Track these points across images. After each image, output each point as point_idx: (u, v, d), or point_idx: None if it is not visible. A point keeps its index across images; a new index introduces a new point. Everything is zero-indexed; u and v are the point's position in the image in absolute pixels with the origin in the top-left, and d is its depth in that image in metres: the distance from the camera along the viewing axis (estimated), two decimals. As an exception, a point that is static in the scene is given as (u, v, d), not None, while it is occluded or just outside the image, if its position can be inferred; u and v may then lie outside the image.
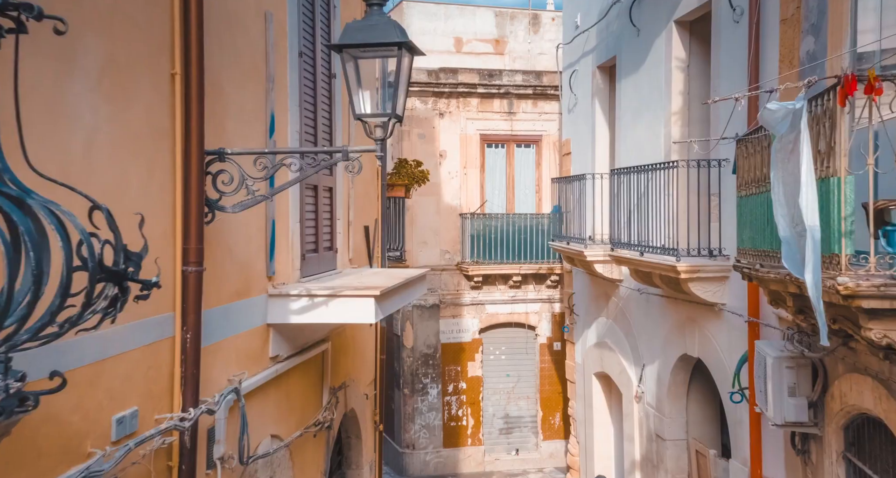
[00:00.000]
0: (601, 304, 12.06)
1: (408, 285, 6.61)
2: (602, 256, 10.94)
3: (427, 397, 15.95)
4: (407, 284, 6.54)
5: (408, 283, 6.54)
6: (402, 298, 6.47)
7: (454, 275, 16.08)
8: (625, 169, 9.47)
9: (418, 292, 7.27)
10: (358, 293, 5.33)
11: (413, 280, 6.80)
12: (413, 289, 6.97)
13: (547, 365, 16.57)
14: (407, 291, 6.62)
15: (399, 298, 6.26)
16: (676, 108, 9.40)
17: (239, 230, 4.86)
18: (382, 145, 4.28)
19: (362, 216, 8.26)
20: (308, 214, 6.30)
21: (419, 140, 15.92)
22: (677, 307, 9.27)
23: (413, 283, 6.86)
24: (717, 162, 8.10)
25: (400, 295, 6.28)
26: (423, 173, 10.57)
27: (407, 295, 6.70)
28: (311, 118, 6.37)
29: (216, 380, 4.48)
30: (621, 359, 11.19)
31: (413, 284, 6.87)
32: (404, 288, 6.44)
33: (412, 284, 6.83)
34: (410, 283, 6.70)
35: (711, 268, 8.03)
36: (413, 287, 6.93)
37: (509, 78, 16.17)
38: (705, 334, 8.62)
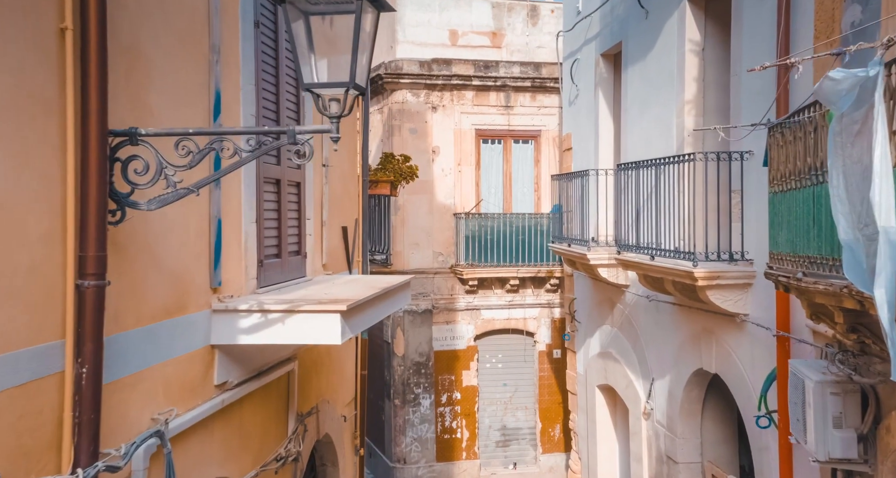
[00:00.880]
0: (605, 310, 11.16)
1: (387, 295, 5.70)
2: (607, 259, 10.04)
3: (419, 408, 15.04)
4: (386, 295, 5.62)
5: (387, 292, 5.63)
6: (381, 310, 5.56)
7: (448, 278, 15.17)
8: (633, 164, 8.57)
9: (401, 302, 6.36)
10: (320, 308, 4.42)
11: (394, 289, 5.89)
12: (395, 299, 6.06)
13: (546, 374, 15.66)
14: (386, 302, 5.71)
15: (376, 311, 5.35)
16: (690, 96, 8.49)
17: (170, 233, 3.94)
18: (338, 124, 3.37)
19: (340, 216, 7.35)
20: (269, 213, 5.39)
21: (410, 135, 15.00)
22: (692, 317, 8.36)
23: (394, 292, 5.95)
24: (738, 154, 7.20)
25: (377, 307, 5.37)
26: (411, 169, 9.65)
27: (386, 306, 5.79)
28: (273, 100, 5.45)
29: (134, 422, 3.56)
30: (627, 371, 10.28)
31: (394, 293, 5.96)
32: (382, 299, 5.53)
33: (393, 294, 5.92)
34: (390, 292, 5.79)
35: (732, 274, 7.13)
36: (394, 297, 6.02)
37: (506, 70, 15.26)
38: (724, 348, 7.71)
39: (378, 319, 5.53)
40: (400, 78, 14.81)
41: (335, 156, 7.16)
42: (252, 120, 4.96)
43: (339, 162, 7.31)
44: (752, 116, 7.01)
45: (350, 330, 4.62)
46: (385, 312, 5.70)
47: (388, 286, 5.66)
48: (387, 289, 5.57)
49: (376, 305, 5.38)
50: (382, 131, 15.60)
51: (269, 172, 5.35)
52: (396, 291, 6.05)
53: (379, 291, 5.28)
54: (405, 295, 6.50)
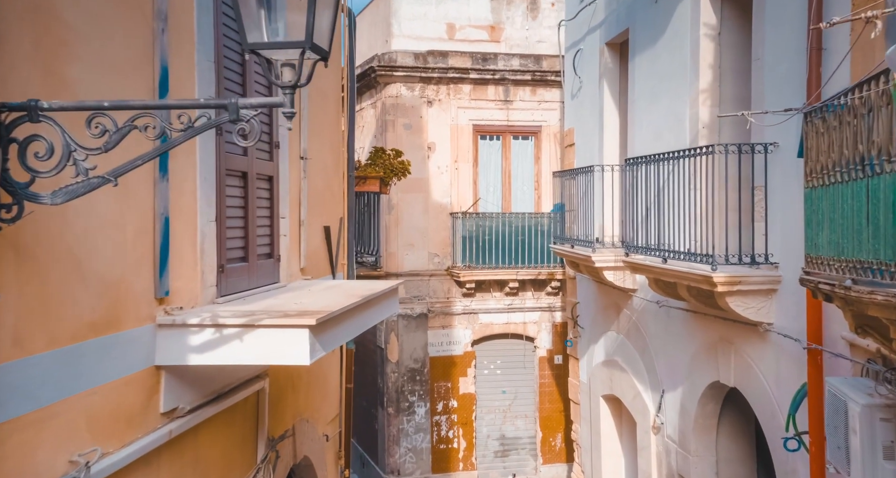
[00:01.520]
0: (610, 316, 10.48)
1: (370, 304, 5.02)
2: (613, 261, 9.36)
3: (414, 416, 14.35)
4: (368, 303, 4.94)
5: (370, 301, 4.95)
6: (363, 321, 4.88)
7: (444, 281, 14.48)
8: (642, 158, 7.88)
9: (388, 311, 5.67)
10: (285, 322, 3.74)
11: (378, 297, 5.20)
12: (380, 307, 5.38)
13: (547, 381, 14.97)
14: (369, 310, 5.02)
15: (356, 322, 4.66)
16: (705, 85, 7.81)
17: (98, 233, 3.26)
18: (292, 96, 2.68)
19: (321, 214, 6.67)
20: (232, 211, 4.70)
21: (405, 131, 14.32)
22: (707, 325, 7.68)
23: (378, 300, 5.26)
24: (762, 146, 6.51)
25: (358, 318, 4.69)
26: (403, 165, 8.96)
27: (370, 315, 5.10)
28: (239, 81, 4.77)
29: (44, 467, 2.87)
30: (635, 382, 9.60)
31: (378, 301, 5.28)
32: (364, 308, 4.84)
33: (377, 302, 5.24)
34: (374, 300, 5.11)
35: (755, 279, 6.45)
36: (380, 305, 5.34)
37: (505, 62, 14.57)
38: (744, 360, 7.03)
39: (359, 332, 4.85)
40: (394, 71, 14.13)
41: (316, 148, 6.48)
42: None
43: (321, 155, 6.63)
44: (776, 105, 6.33)
45: (322, 347, 3.93)
46: (368, 322, 5.01)
47: (372, 294, 4.97)
48: (369, 297, 4.89)
49: (357, 316, 4.70)
50: (376, 127, 14.92)
51: (234, 163, 4.66)
52: (381, 298, 5.37)
53: (359, 301, 4.59)
54: (392, 302, 5.82)
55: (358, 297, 4.73)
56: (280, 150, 5.46)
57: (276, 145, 5.39)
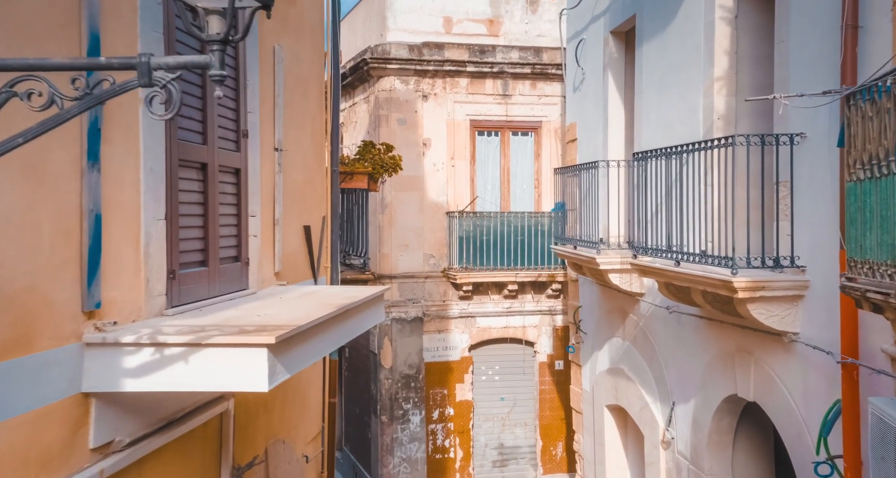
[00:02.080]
0: (615, 321, 9.86)
1: (350, 314, 4.40)
2: (619, 264, 8.74)
3: (408, 425, 13.72)
4: (347, 313, 4.33)
5: (349, 311, 4.33)
6: (340, 334, 4.26)
7: (440, 283, 13.85)
8: (652, 152, 7.26)
9: (371, 320, 5.05)
10: (238, 341, 3.12)
11: (358, 306, 4.59)
12: (361, 317, 4.76)
13: (548, 387, 14.35)
14: (348, 321, 4.40)
15: (331, 336, 4.04)
16: (721, 73, 7.19)
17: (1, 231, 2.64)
18: (222, 55, 2.05)
19: (300, 212, 6.05)
20: (189, 208, 4.08)
21: (399, 126, 13.68)
22: (724, 333, 7.06)
23: (359, 309, 4.64)
24: (787, 137, 5.89)
25: (332, 330, 4.07)
26: (394, 160, 8.32)
27: (349, 327, 4.48)
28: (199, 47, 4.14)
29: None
30: (643, 392, 8.98)
31: (359, 310, 4.66)
32: (342, 319, 4.23)
33: (358, 311, 4.62)
34: (354, 310, 4.49)
35: (781, 284, 5.83)
36: (361, 315, 4.72)
37: (504, 55, 13.94)
38: (766, 372, 6.41)
39: (336, 347, 4.23)
40: (387, 63, 13.50)
41: (294, 139, 5.86)
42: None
43: (300, 147, 6.01)
44: (803, 90, 5.71)
45: (285, 368, 3.32)
46: (348, 334, 4.39)
47: (351, 303, 4.35)
48: (347, 306, 4.27)
49: (334, 328, 4.08)
50: (368, 122, 14.30)
51: (190, 152, 4.04)
52: (364, 306, 4.75)
53: (334, 311, 3.97)
54: (377, 310, 5.20)
55: (334, 306, 4.11)
56: (249, 139, 4.84)
57: (245, 134, 4.77)
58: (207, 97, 4.20)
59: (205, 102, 4.18)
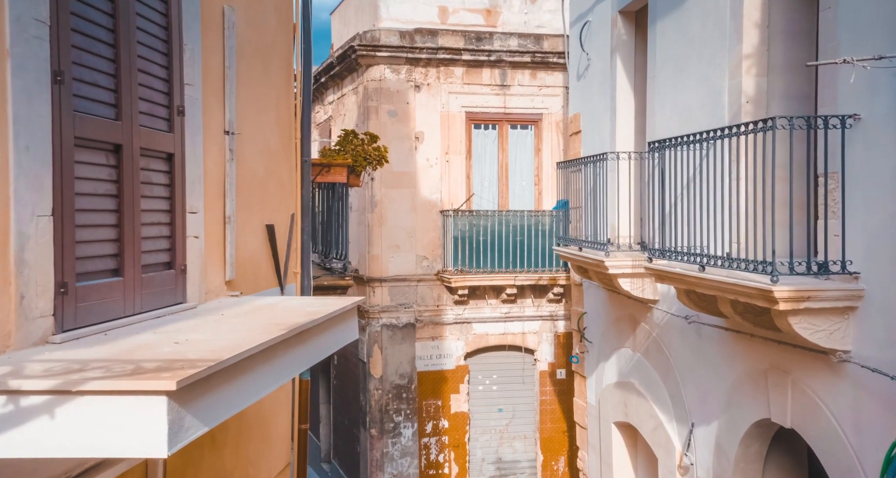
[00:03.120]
0: (624, 330, 8.95)
1: (307, 335, 3.49)
2: (630, 268, 7.84)
3: (400, 438, 12.80)
4: (304, 335, 3.42)
5: (305, 333, 3.42)
6: (292, 363, 3.34)
7: (433, 287, 12.93)
8: (673, 140, 6.35)
9: (340, 339, 4.14)
10: (124, 387, 2.20)
11: (323, 324, 3.68)
12: (325, 337, 3.84)
13: (549, 397, 13.44)
14: (304, 345, 3.49)
15: (279, 366, 3.13)
16: (751, 49, 6.28)
17: None
18: None
19: (262, 209, 5.14)
20: (94, 201, 3.16)
21: (389, 119, 12.76)
22: (754, 348, 6.16)
23: (324, 327, 3.74)
24: (837, 119, 4.98)
25: (279, 359, 3.15)
26: (379, 152, 7.39)
27: (307, 352, 3.56)
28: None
29: None
30: (656, 410, 8.07)
31: (324, 329, 3.75)
32: (295, 343, 3.31)
33: (320, 331, 3.71)
34: (315, 330, 3.59)
35: (830, 294, 4.92)
36: (324, 334, 3.81)
37: (502, 42, 13.02)
38: (807, 395, 5.50)
39: (289, 377, 3.31)
40: (377, 50, 12.58)
41: (254, 122, 4.95)
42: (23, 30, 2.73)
43: (260, 131, 5.09)
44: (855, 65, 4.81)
45: (201, 420, 2.41)
46: (306, 360, 3.47)
47: (308, 321, 3.44)
48: (303, 326, 3.36)
49: (282, 355, 3.17)
50: (357, 115, 13.38)
51: (94, 129, 3.12)
52: (328, 324, 3.84)
53: (283, 334, 3.06)
54: (348, 326, 4.28)
55: (284, 327, 3.20)
56: (187, 118, 3.92)
57: (180, 111, 3.85)
58: (122, 56, 3.28)
59: (118, 64, 3.27)
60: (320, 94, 15.96)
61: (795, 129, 4.93)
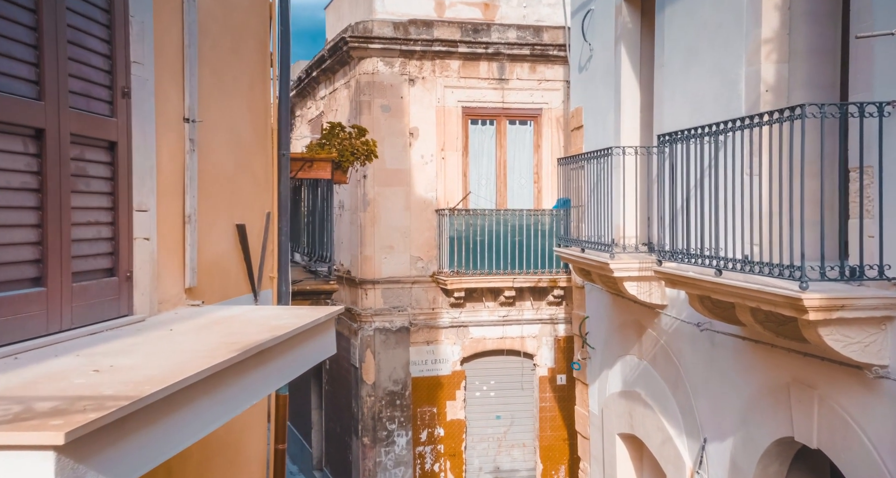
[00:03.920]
0: (630, 336, 8.43)
1: (266, 357, 2.96)
2: (637, 270, 7.32)
3: (393, 447, 12.27)
4: (261, 356, 2.89)
5: (266, 352, 2.90)
6: (246, 391, 2.82)
7: (429, 289, 12.40)
8: (684, 132, 5.82)
9: (312, 356, 3.62)
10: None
11: (290, 340, 3.15)
12: (293, 355, 3.32)
13: (549, 404, 12.92)
14: (265, 366, 2.96)
15: (228, 397, 2.60)
16: (770, 33, 5.76)
17: None
18: None
19: (231, 207, 4.61)
20: (8, 197, 2.63)
21: (383, 114, 12.23)
22: (775, 359, 5.63)
23: (288, 346, 3.21)
24: (875, 106, 4.45)
25: (229, 387, 2.63)
26: (368, 146, 6.85)
27: (269, 375, 3.04)
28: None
29: None
30: (664, 423, 7.55)
31: (288, 347, 3.23)
32: (250, 367, 2.79)
33: (285, 350, 3.19)
34: (279, 348, 3.06)
35: (867, 302, 4.39)
36: (291, 353, 3.29)
37: (500, 34, 12.49)
38: (836, 413, 4.97)
39: (231, 416, 2.77)
40: (369, 42, 12.04)
41: (220, 110, 4.42)
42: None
43: (229, 120, 4.56)
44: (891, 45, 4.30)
45: (114, 475, 1.87)
46: (259, 389, 2.94)
47: (267, 340, 2.91)
48: (261, 346, 2.83)
49: (234, 382, 2.64)
50: (349, 110, 12.84)
51: (7, 109, 2.58)
52: (297, 340, 3.31)
53: (234, 356, 2.54)
54: (323, 341, 3.76)
55: (238, 348, 2.67)
56: (134, 102, 3.39)
57: (125, 93, 3.32)
58: (46, 23, 2.75)
59: (40, 32, 2.74)
60: (312, 89, 15.43)
61: (827, 117, 4.40)
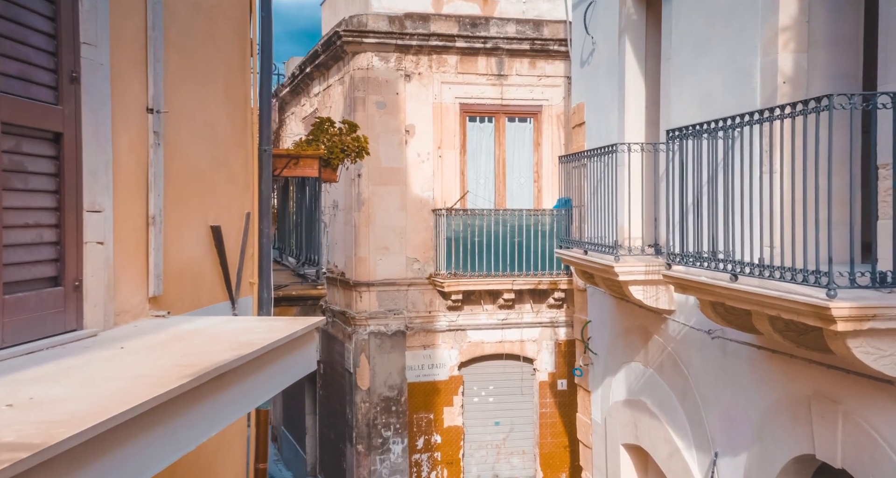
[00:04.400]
0: (634, 342, 8.04)
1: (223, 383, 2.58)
2: (643, 274, 6.93)
3: (389, 455, 11.89)
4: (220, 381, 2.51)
5: (226, 375, 2.51)
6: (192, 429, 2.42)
7: (425, 291, 12.01)
8: (695, 128, 5.43)
9: (286, 376, 3.23)
10: None
11: (257, 359, 2.77)
12: (258, 378, 2.94)
13: (549, 410, 12.53)
14: (220, 395, 2.58)
15: (169, 436, 2.21)
16: (788, 20, 5.37)
17: None
18: None
19: (204, 207, 4.21)
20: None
21: (378, 110, 11.84)
22: (794, 370, 5.25)
23: (254, 367, 2.83)
24: (907, 98, 4.06)
25: (172, 422, 2.24)
26: (359, 143, 6.45)
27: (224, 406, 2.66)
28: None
29: None
30: (672, 434, 7.16)
31: (254, 369, 2.84)
32: (200, 397, 2.40)
33: (247, 373, 2.80)
34: (238, 372, 2.67)
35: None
36: (253, 376, 2.89)
37: (498, 28, 12.10)
38: (863, 431, 4.59)
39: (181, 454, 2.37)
40: (363, 37, 11.65)
41: (191, 100, 4.02)
42: None
43: (201, 110, 4.17)
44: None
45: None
46: (218, 420, 2.56)
47: (230, 361, 2.52)
48: (220, 369, 2.44)
49: (173, 418, 2.25)
50: (343, 107, 12.45)
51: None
52: (260, 363, 2.92)
53: (175, 388, 2.15)
54: (298, 359, 3.37)
55: (188, 375, 2.28)
56: (85, 88, 3.00)
57: (74, 79, 2.93)
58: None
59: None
60: (306, 85, 15.04)
61: (857, 108, 4.02)
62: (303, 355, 3.41)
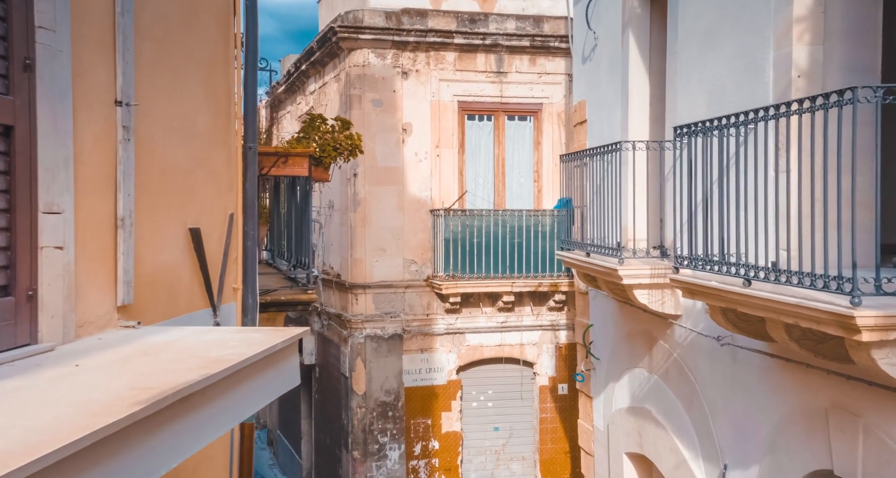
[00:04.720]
0: (639, 348, 7.76)
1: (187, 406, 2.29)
2: (649, 278, 6.65)
3: (385, 461, 11.61)
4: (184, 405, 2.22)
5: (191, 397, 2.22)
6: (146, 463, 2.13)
7: (423, 294, 11.73)
8: (706, 124, 5.15)
9: (264, 394, 2.95)
10: None
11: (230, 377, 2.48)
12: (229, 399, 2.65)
13: (550, 415, 12.25)
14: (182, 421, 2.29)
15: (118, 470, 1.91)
16: (804, 11, 5.09)
17: None
18: None
19: (182, 207, 3.93)
20: None
21: (374, 109, 11.56)
22: (810, 381, 4.97)
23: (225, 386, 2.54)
24: (940, 90, 3.78)
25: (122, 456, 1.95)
26: (352, 140, 6.17)
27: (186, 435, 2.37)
28: None
29: None
30: (678, 444, 6.88)
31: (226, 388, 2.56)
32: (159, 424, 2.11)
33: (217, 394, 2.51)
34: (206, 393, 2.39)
35: (930, 320, 3.72)
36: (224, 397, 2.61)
37: (498, 24, 11.82)
38: (886, 446, 4.31)
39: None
40: (360, 33, 11.37)
41: (167, 93, 3.74)
42: None
43: (178, 104, 3.89)
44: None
45: None
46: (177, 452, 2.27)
47: (194, 381, 2.24)
48: (182, 391, 2.16)
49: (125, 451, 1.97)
50: (339, 104, 12.17)
51: None
52: (233, 381, 2.64)
53: (125, 417, 1.87)
54: (279, 374, 3.09)
55: (142, 401, 2.00)
56: (41, 77, 2.71)
57: (27, 66, 2.65)
58: None
59: None
60: (301, 83, 14.75)
61: (883, 102, 3.73)
62: (284, 370, 3.13)
